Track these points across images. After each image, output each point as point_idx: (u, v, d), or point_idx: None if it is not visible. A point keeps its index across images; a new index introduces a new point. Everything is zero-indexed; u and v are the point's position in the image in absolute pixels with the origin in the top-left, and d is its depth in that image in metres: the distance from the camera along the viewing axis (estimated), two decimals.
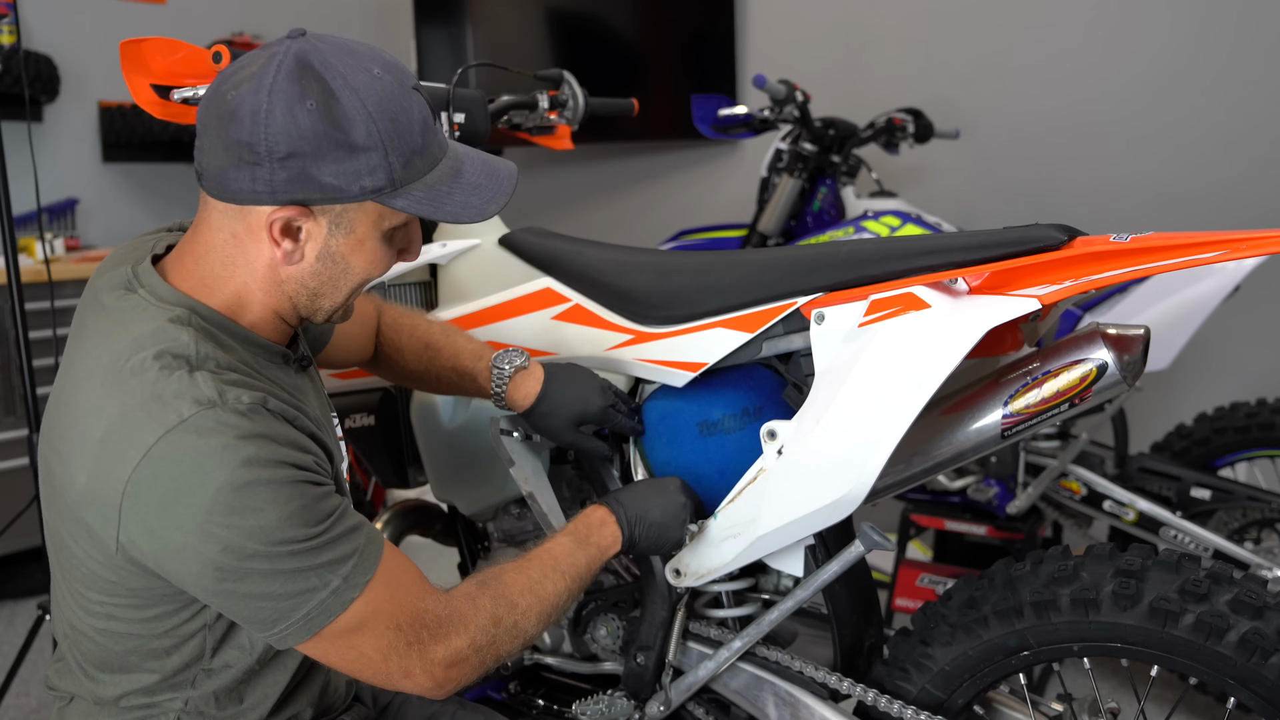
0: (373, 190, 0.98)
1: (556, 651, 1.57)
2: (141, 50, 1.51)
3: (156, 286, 1.02)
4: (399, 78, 1.00)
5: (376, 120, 0.96)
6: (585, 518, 1.28)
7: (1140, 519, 2.20)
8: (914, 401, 1.13)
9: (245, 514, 0.92)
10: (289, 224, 0.99)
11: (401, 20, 4.20)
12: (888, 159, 2.98)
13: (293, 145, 0.94)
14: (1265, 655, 1.14)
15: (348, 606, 0.98)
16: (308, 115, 0.94)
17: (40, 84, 3.30)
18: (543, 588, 1.15)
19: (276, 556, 0.94)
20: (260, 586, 0.95)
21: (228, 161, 0.96)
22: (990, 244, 1.17)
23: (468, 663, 1.06)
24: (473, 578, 1.13)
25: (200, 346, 0.97)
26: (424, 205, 1.01)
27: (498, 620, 1.09)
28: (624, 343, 1.43)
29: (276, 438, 0.96)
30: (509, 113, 1.81)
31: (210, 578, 0.94)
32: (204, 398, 0.93)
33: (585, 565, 1.22)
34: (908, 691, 1.35)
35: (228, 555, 0.93)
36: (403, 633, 1.02)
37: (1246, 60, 2.81)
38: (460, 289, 1.61)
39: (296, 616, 0.97)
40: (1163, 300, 2.07)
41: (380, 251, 1.05)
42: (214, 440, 0.92)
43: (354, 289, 1.07)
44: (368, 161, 0.97)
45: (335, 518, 0.98)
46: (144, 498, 0.93)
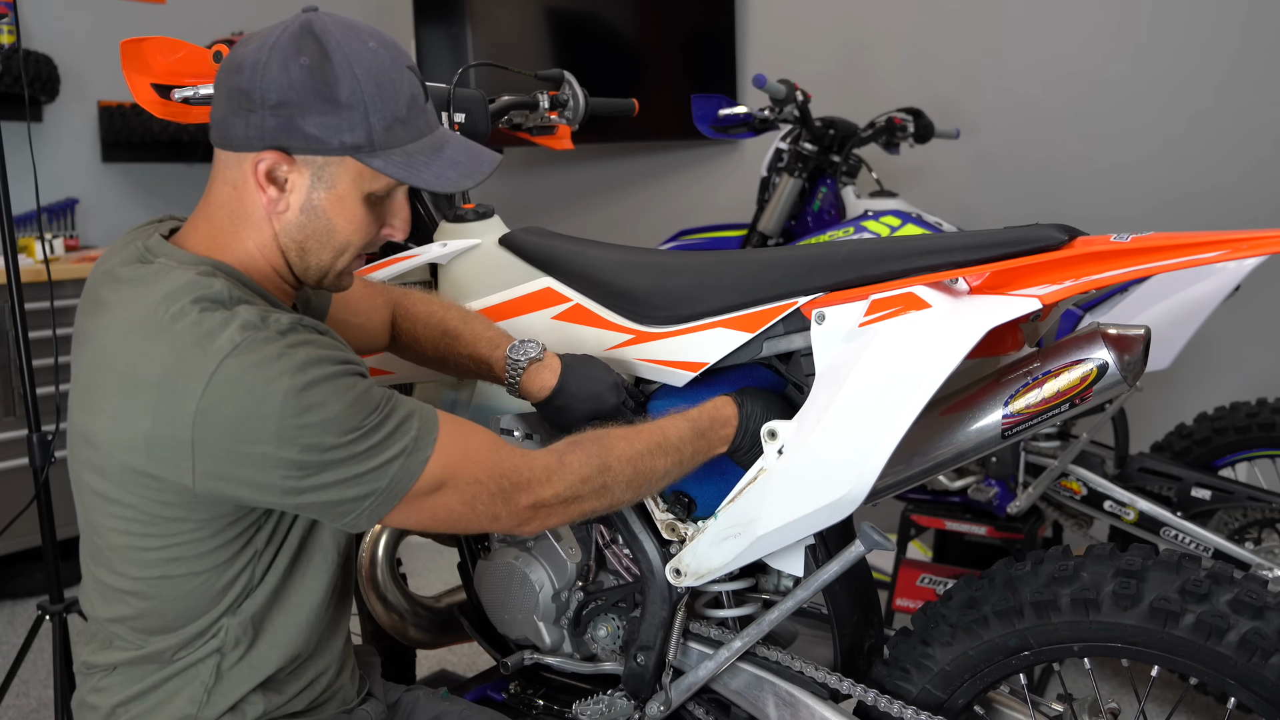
0: (352, 146, 1.05)
1: (556, 651, 1.57)
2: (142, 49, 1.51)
3: (174, 253, 1.09)
4: (395, 55, 1.08)
5: (362, 82, 1.04)
6: (712, 411, 1.30)
7: (1140, 519, 2.20)
8: (914, 401, 1.13)
9: (314, 410, 0.99)
10: (273, 170, 1.06)
11: (401, 20, 4.20)
12: (888, 159, 2.98)
13: (283, 95, 1.03)
14: (1265, 655, 1.14)
15: (424, 466, 1.06)
16: (300, 69, 1.03)
17: (40, 84, 3.29)
18: (643, 461, 1.21)
19: (352, 442, 1.01)
20: (343, 473, 1.02)
21: (229, 109, 1.06)
22: (990, 244, 1.17)
23: (553, 511, 1.15)
24: (573, 437, 1.20)
25: (232, 292, 1.04)
26: (400, 169, 1.07)
27: (585, 479, 1.16)
28: (624, 343, 1.43)
29: (320, 344, 1.04)
30: (509, 113, 1.81)
31: (294, 480, 1.01)
32: (249, 323, 1.00)
33: (691, 454, 1.26)
34: (908, 692, 1.35)
35: (308, 453, 1.00)
36: (483, 485, 1.10)
37: (1247, 61, 2.80)
38: (460, 289, 1.61)
39: (381, 485, 1.04)
40: (1163, 300, 2.07)
41: (362, 214, 1.11)
42: (268, 354, 0.99)
43: (339, 250, 1.12)
44: (349, 118, 1.04)
45: (388, 399, 1.06)
46: (215, 424, 0.98)
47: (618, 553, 1.54)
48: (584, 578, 1.54)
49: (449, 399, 1.60)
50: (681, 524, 1.41)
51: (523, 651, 1.58)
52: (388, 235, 1.16)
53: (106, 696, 1.15)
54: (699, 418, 1.28)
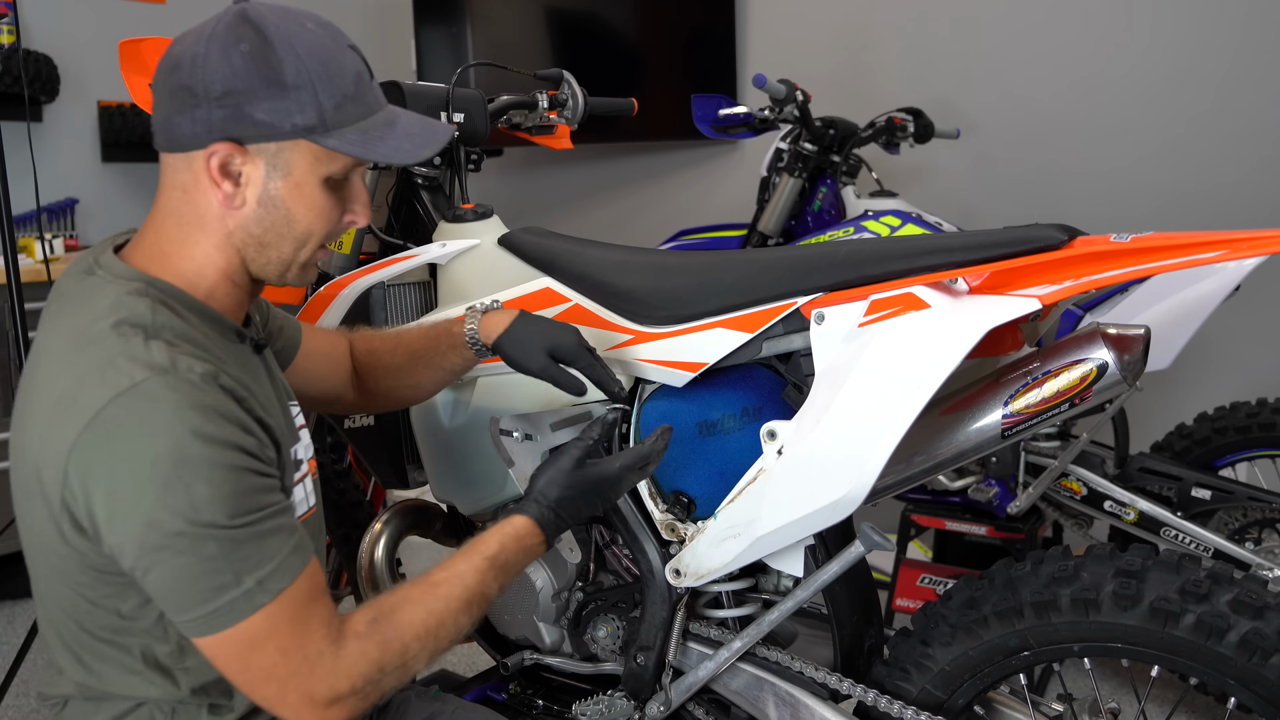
0: (304, 128, 1.02)
1: (556, 651, 1.57)
2: (140, 50, 1.51)
3: (113, 266, 1.05)
4: (334, 35, 1.06)
5: (306, 62, 1.02)
6: (509, 537, 1.17)
7: (1140, 519, 2.20)
8: (914, 402, 1.13)
9: (178, 488, 0.92)
10: (226, 162, 1.02)
11: (401, 20, 4.20)
12: (888, 159, 2.98)
13: (227, 84, 1.00)
14: (1266, 655, 1.14)
15: (256, 611, 0.97)
16: (241, 57, 1.00)
17: (40, 84, 3.29)
18: (443, 628, 1.08)
19: (199, 539, 0.93)
20: (177, 568, 0.94)
21: (172, 109, 1.02)
22: (990, 244, 1.17)
23: (347, 705, 1.02)
24: (370, 608, 1.06)
25: (158, 316, 1.00)
26: (356, 146, 1.05)
27: (384, 668, 1.04)
28: (624, 343, 1.43)
29: (225, 413, 0.97)
30: (509, 112, 1.81)
31: (134, 547, 0.94)
32: (156, 364, 0.95)
33: (498, 589, 1.15)
34: (908, 692, 1.35)
35: (151, 529, 0.93)
36: (288, 659, 0.99)
37: (1247, 61, 2.80)
38: (460, 289, 1.61)
39: (205, 610, 0.96)
40: (1163, 300, 2.07)
41: (321, 200, 1.07)
42: (162, 407, 0.93)
43: (300, 241, 1.08)
44: (298, 100, 1.01)
45: (267, 513, 0.98)
46: (89, 458, 0.94)
47: (617, 553, 1.54)
48: (584, 578, 1.54)
49: (448, 399, 1.60)
50: (681, 524, 1.41)
51: (523, 651, 1.58)
52: (350, 221, 1.12)
53: None
54: (501, 552, 1.15)
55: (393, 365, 1.44)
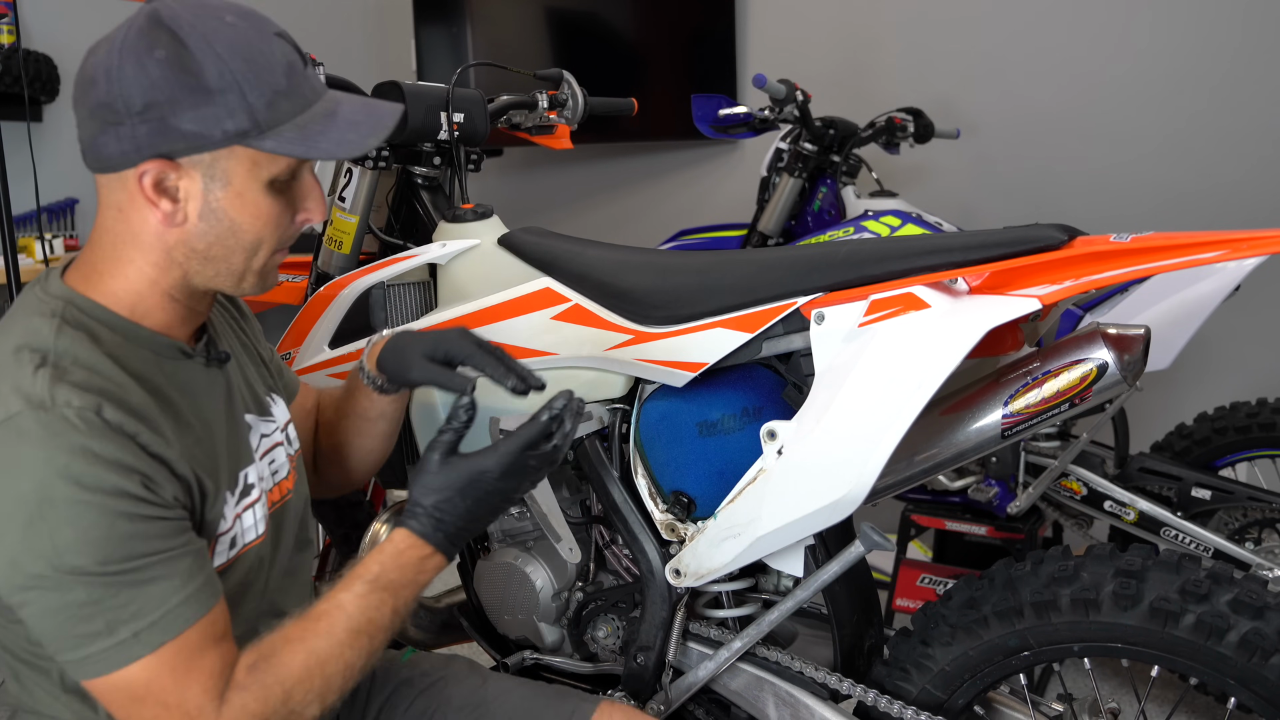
0: (236, 133, 0.95)
1: (556, 651, 1.57)
2: None
3: (51, 282, 1.02)
4: (256, 25, 0.98)
5: (228, 61, 0.94)
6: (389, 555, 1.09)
7: (1140, 519, 2.20)
8: (914, 402, 1.13)
9: (41, 530, 0.88)
10: (160, 180, 0.96)
11: (401, 20, 4.19)
12: (888, 159, 2.98)
13: (147, 96, 0.93)
14: (1266, 655, 1.14)
15: (129, 664, 0.92)
16: (157, 65, 0.93)
17: (40, 84, 3.29)
18: (328, 665, 1.00)
19: (63, 584, 0.89)
20: (42, 609, 0.90)
21: (95, 128, 0.96)
22: (990, 244, 1.17)
23: None
24: (250, 653, 1.00)
25: (60, 340, 0.95)
26: (296, 145, 0.97)
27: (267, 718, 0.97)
28: (624, 343, 1.43)
29: (101, 454, 0.90)
30: (508, 112, 1.81)
31: (3, 584, 0.91)
32: (34, 398, 0.90)
33: (396, 617, 1.07)
34: (908, 692, 1.35)
35: (14, 570, 0.89)
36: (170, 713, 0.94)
37: (1247, 61, 2.80)
38: (460, 289, 1.61)
39: (75, 656, 0.92)
40: (1163, 300, 2.07)
41: (267, 205, 1.00)
42: (29, 446, 0.89)
43: (250, 250, 1.02)
44: (225, 104, 0.94)
45: (148, 561, 0.92)
46: None
47: (617, 553, 1.54)
48: (584, 578, 1.54)
49: (448, 399, 1.60)
50: (681, 524, 1.41)
51: (523, 651, 1.58)
52: (304, 221, 1.05)
53: None
54: (382, 572, 1.07)
55: (324, 421, 1.38)
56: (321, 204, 1.06)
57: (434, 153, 1.72)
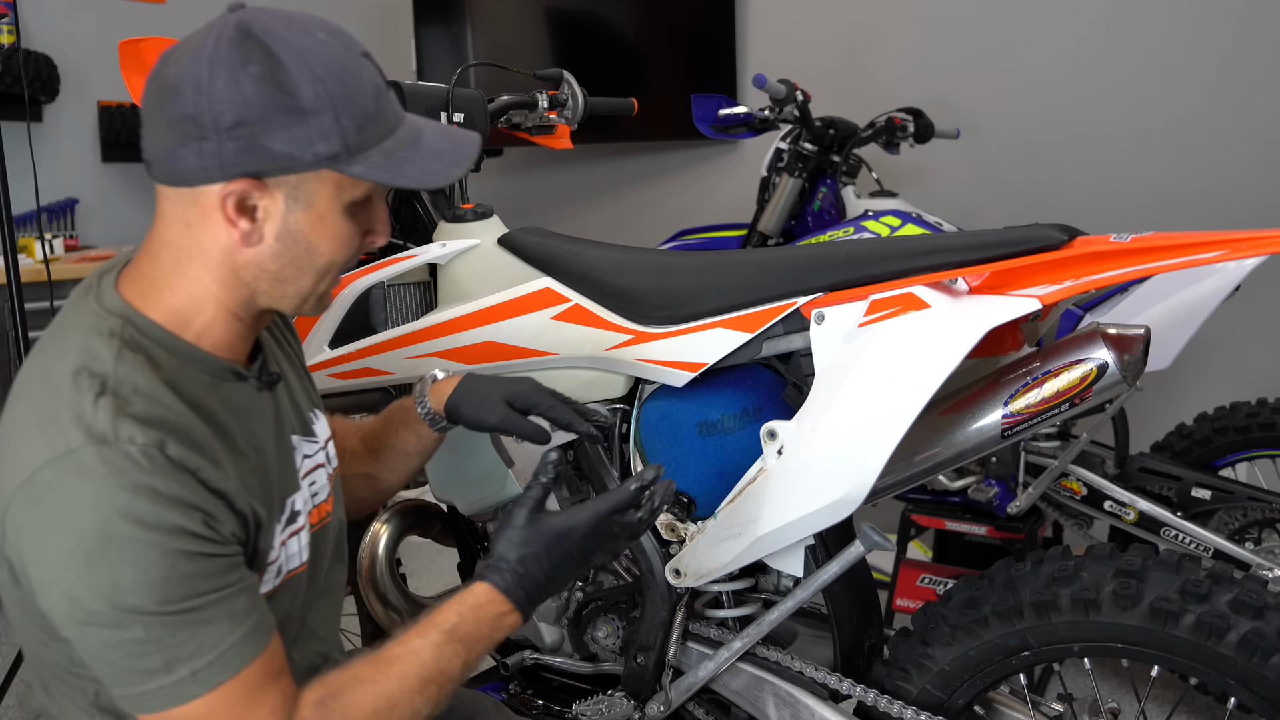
0: (327, 156, 0.93)
1: (556, 651, 1.57)
2: (140, 50, 1.51)
3: (105, 293, 0.98)
4: (346, 43, 0.95)
5: (325, 83, 0.91)
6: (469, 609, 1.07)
7: (1141, 519, 2.20)
8: (914, 402, 1.13)
9: (101, 568, 0.86)
10: (243, 200, 0.93)
11: (401, 20, 4.19)
12: (888, 159, 2.98)
13: (239, 113, 0.90)
14: (1266, 655, 1.14)
15: (188, 703, 0.90)
16: (252, 81, 0.89)
17: (40, 84, 3.29)
18: (395, 710, 0.99)
19: (122, 624, 0.88)
20: (101, 646, 0.90)
21: (173, 140, 0.92)
22: (990, 244, 1.17)
23: None
24: (319, 687, 0.99)
25: (120, 366, 0.92)
26: (383, 171, 0.95)
27: None
28: (624, 343, 1.43)
29: (164, 492, 0.88)
30: (508, 112, 1.81)
31: (61, 617, 0.91)
32: (96, 432, 0.87)
33: (463, 666, 1.06)
34: (908, 692, 1.35)
35: (73, 605, 0.88)
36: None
37: (1247, 60, 2.80)
38: (460, 289, 1.61)
39: (133, 692, 0.91)
40: (1163, 300, 2.07)
41: (344, 229, 0.98)
42: (90, 482, 0.86)
43: (321, 273, 1.00)
44: (319, 126, 0.91)
45: (208, 600, 0.90)
46: (20, 519, 0.89)
47: None
48: (583, 578, 1.54)
49: None
50: (681, 524, 1.41)
51: (523, 651, 1.58)
52: (369, 243, 1.03)
53: None
54: (460, 623, 1.06)
55: (347, 449, 1.34)
56: (388, 226, 1.04)
57: None
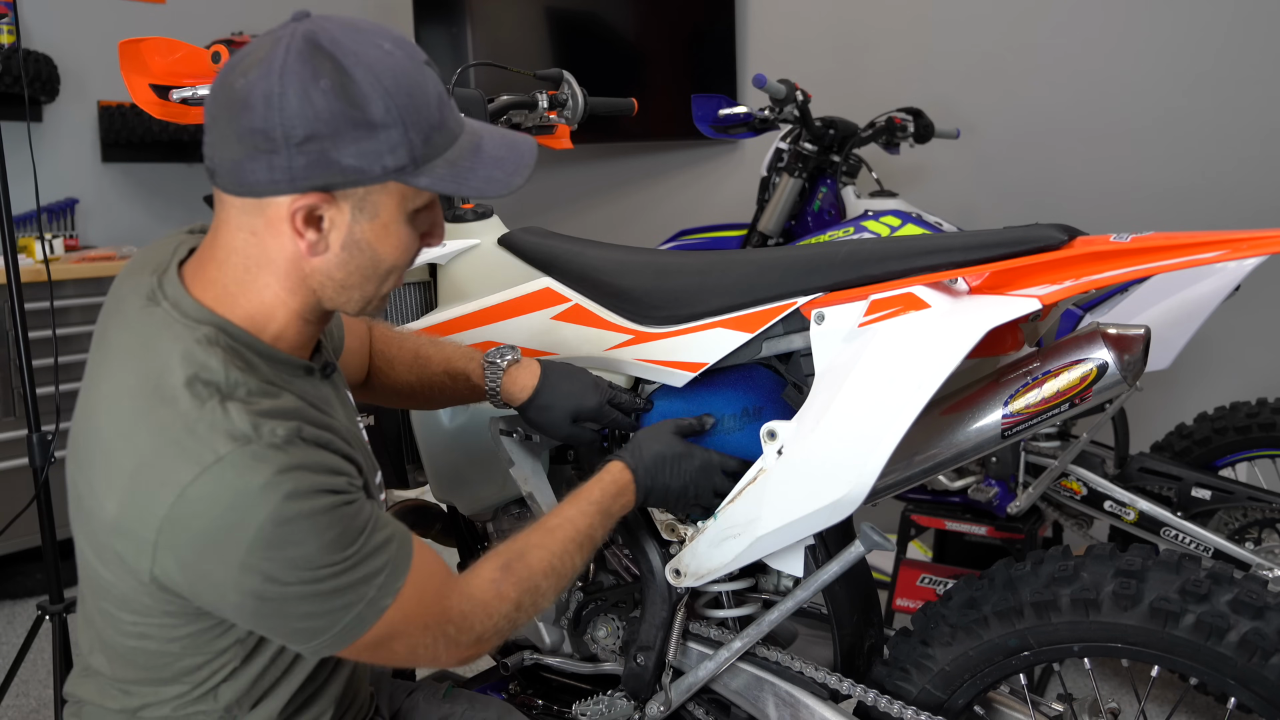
0: (395, 169, 0.94)
1: (556, 652, 1.57)
2: (140, 50, 1.51)
3: (181, 300, 0.99)
4: (410, 53, 0.97)
5: (394, 96, 0.93)
6: (610, 483, 1.27)
7: (1141, 519, 2.20)
8: (914, 402, 1.13)
9: (287, 547, 0.91)
10: (312, 212, 0.95)
11: (401, 20, 4.20)
12: (888, 159, 2.98)
13: (310, 128, 0.91)
14: (1266, 655, 1.14)
15: (381, 615, 0.99)
16: (323, 95, 0.91)
17: (40, 84, 3.29)
18: (564, 565, 1.18)
19: (317, 581, 0.94)
20: (300, 609, 0.95)
21: (242, 152, 0.93)
22: (990, 244, 1.17)
23: (490, 641, 1.12)
24: (497, 556, 1.14)
25: (230, 372, 0.94)
26: (448, 182, 0.97)
27: (520, 605, 1.13)
28: (624, 343, 1.43)
29: (313, 467, 0.94)
30: (508, 112, 1.81)
31: (250, 607, 0.95)
32: (239, 433, 0.91)
33: (602, 536, 1.25)
34: (908, 692, 1.35)
35: (270, 584, 0.92)
36: (430, 630, 1.05)
37: (1247, 60, 2.80)
38: (460, 289, 1.61)
39: (334, 631, 0.97)
40: (1163, 300, 2.07)
41: (407, 236, 1.01)
42: (252, 479, 0.90)
43: (384, 278, 1.03)
44: (388, 139, 0.93)
45: (369, 532, 0.98)
46: (180, 535, 0.91)
47: (617, 553, 1.54)
48: (584, 578, 1.54)
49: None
50: (681, 524, 1.41)
51: (523, 651, 1.58)
52: (426, 244, 1.06)
53: None
54: (602, 498, 1.25)
55: (404, 382, 1.40)
56: (443, 227, 1.08)
57: None
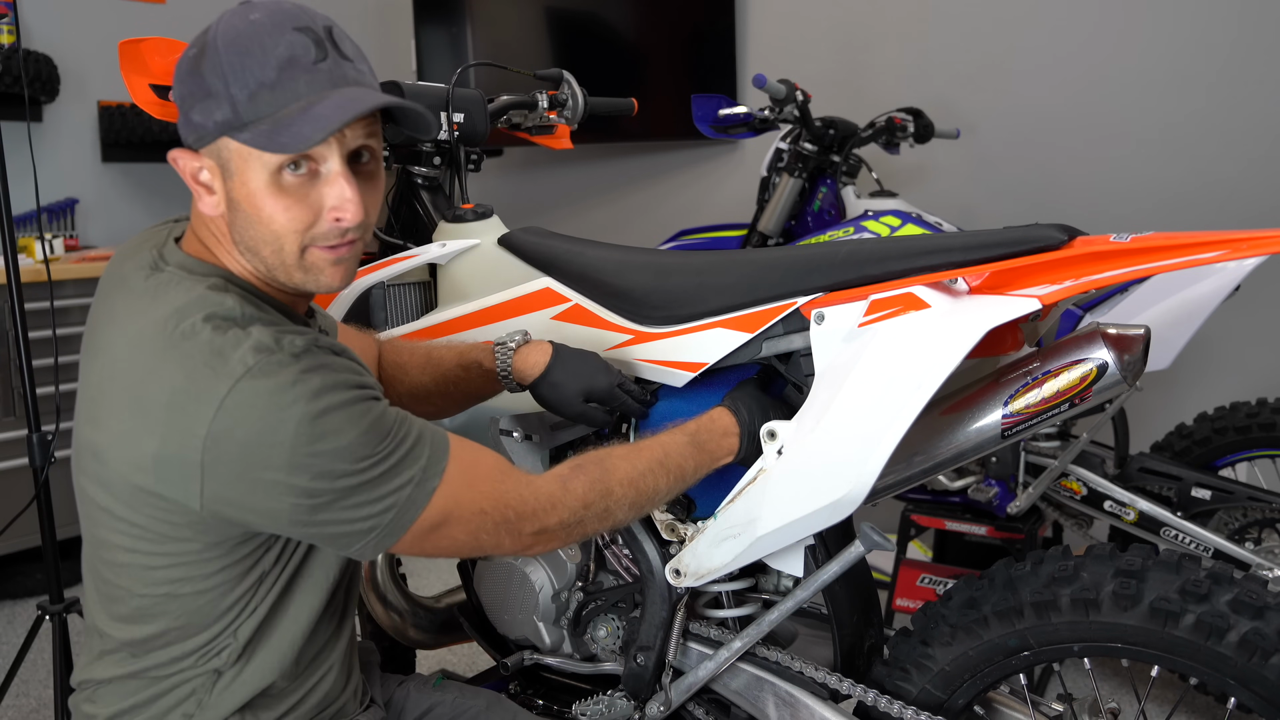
0: (223, 124, 1.00)
1: (556, 651, 1.57)
2: (140, 50, 1.51)
3: (185, 261, 1.07)
4: (279, 18, 1.00)
5: (224, 55, 0.99)
6: (711, 422, 1.30)
7: (1140, 519, 2.20)
8: (914, 402, 1.13)
9: (328, 438, 0.96)
10: (190, 170, 1.05)
11: (401, 20, 4.20)
12: (888, 159, 2.98)
13: (179, 92, 1.03)
14: (1266, 655, 1.14)
15: (431, 497, 1.04)
16: (187, 63, 1.02)
17: (40, 84, 3.29)
18: (644, 481, 1.20)
19: (363, 470, 0.99)
20: (352, 503, 1.00)
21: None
22: (990, 244, 1.17)
23: (555, 536, 1.15)
24: (574, 459, 1.19)
25: (245, 308, 1.01)
26: (261, 138, 0.99)
27: (588, 504, 1.15)
28: (623, 343, 1.43)
29: (334, 366, 1.00)
30: (508, 112, 1.81)
31: (305, 509, 0.99)
32: (263, 345, 0.97)
33: (693, 469, 1.26)
34: (908, 692, 1.35)
35: (320, 480, 0.97)
36: (488, 515, 1.08)
37: (1247, 60, 2.80)
38: (459, 289, 1.61)
39: (387, 520, 1.02)
40: (1163, 300, 2.07)
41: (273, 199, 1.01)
42: (282, 379, 0.96)
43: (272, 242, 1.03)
44: (216, 96, 0.99)
45: (401, 422, 1.04)
46: (226, 448, 0.96)
47: (617, 553, 1.54)
48: (584, 578, 1.54)
49: None
50: (681, 524, 1.41)
51: (523, 652, 1.58)
52: (335, 216, 1.03)
53: (101, 706, 1.13)
54: (698, 431, 1.28)
55: (419, 385, 1.43)
56: (349, 203, 1.03)
57: (434, 153, 1.73)
